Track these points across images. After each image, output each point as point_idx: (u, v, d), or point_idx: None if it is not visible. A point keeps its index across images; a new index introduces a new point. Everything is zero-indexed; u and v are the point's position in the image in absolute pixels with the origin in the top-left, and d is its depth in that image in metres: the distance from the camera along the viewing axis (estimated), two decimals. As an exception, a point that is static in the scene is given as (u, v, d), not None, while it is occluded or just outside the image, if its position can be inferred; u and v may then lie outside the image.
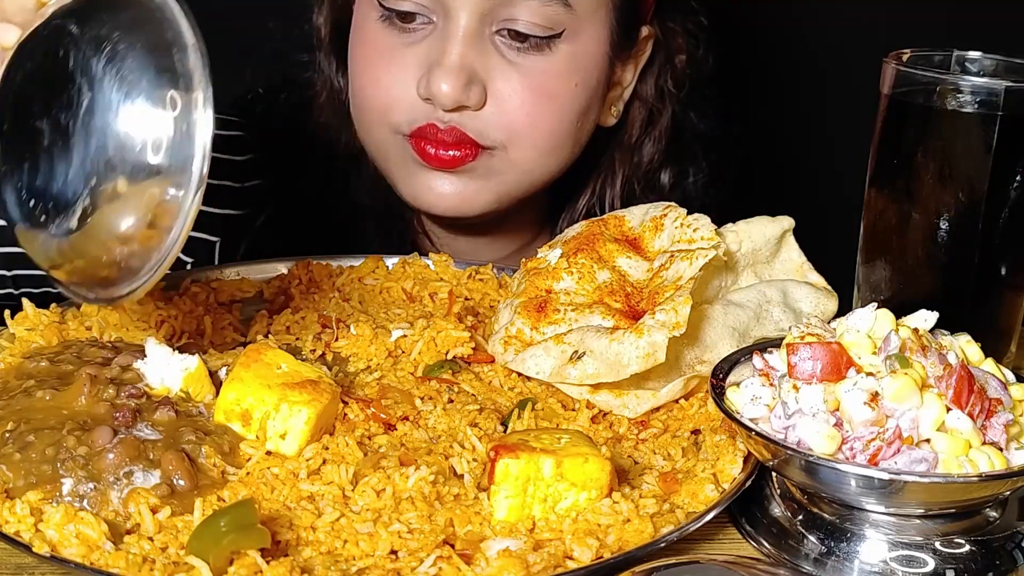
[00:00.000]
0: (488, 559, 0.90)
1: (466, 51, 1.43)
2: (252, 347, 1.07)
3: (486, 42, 1.45)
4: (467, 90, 1.43)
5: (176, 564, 0.87)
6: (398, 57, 1.47)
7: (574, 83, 1.49)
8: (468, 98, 1.43)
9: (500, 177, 1.51)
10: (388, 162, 1.55)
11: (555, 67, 1.47)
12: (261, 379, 1.02)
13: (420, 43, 1.46)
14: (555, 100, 1.49)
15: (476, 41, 1.43)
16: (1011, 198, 1.18)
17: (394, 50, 1.47)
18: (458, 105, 1.44)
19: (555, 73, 1.47)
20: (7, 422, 1.00)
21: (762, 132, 2.29)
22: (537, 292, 1.23)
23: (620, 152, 1.68)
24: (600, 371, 1.10)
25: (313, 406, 1.01)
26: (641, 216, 1.29)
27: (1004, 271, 1.22)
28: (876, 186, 1.24)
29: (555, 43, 1.46)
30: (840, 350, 0.97)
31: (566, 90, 1.49)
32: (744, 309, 1.18)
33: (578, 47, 1.48)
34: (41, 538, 0.88)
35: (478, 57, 1.44)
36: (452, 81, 1.42)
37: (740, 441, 1.05)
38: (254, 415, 1.01)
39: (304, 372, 1.05)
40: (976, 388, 0.94)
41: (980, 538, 0.98)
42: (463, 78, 1.42)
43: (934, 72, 1.20)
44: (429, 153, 1.47)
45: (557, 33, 1.46)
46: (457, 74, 1.42)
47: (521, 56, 1.45)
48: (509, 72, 1.45)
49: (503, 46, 1.45)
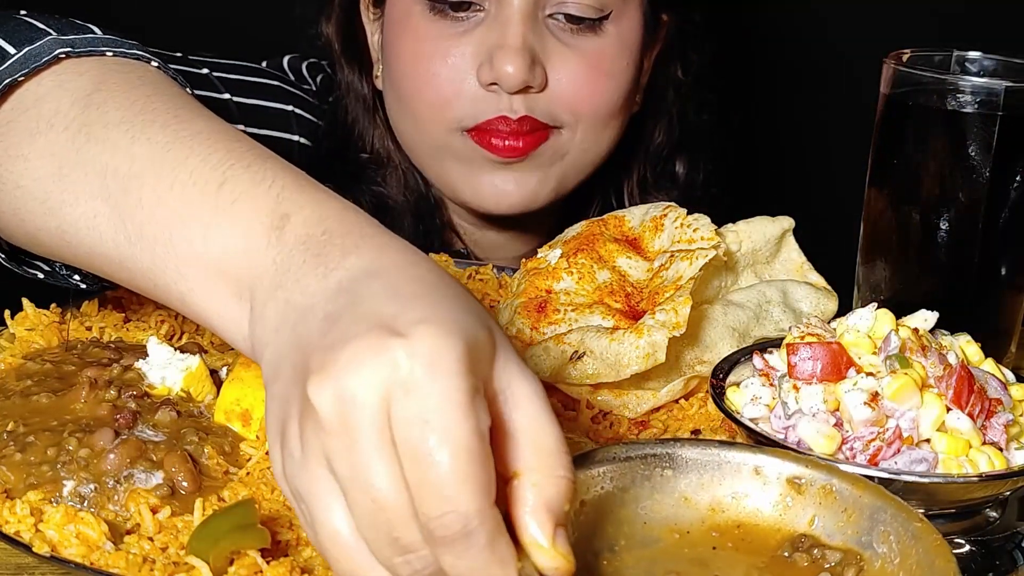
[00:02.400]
0: (488, 559, 0.90)
1: (526, 32, 1.44)
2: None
3: (540, 25, 1.46)
4: (532, 70, 1.44)
5: (176, 564, 0.87)
6: (452, 49, 1.47)
7: (625, 62, 1.53)
8: (533, 78, 1.44)
9: (561, 161, 1.53)
10: (445, 162, 1.54)
11: (608, 47, 1.51)
12: (261, 379, 1.02)
13: (474, 31, 1.46)
14: (612, 78, 1.52)
15: (532, 23, 1.45)
16: (1011, 198, 1.18)
17: (447, 40, 1.47)
18: (524, 86, 1.45)
19: (609, 52, 1.51)
20: (7, 423, 1.00)
21: (762, 132, 2.30)
22: (537, 292, 1.23)
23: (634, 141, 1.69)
24: (600, 371, 1.10)
25: None
26: (641, 216, 1.29)
27: (1004, 271, 1.22)
28: (876, 186, 1.24)
29: (604, 24, 1.50)
30: (840, 350, 0.96)
31: (620, 68, 1.53)
32: (744, 309, 1.18)
33: (623, 28, 1.52)
34: (41, 538, 0.88)
35: (537, 40, 1.46)
36: (518, 62, 1.42)
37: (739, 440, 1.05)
38: (254, 415, 1.01)
39: None
40: (976, 388, 0.94)
41: (980, 538, 0.98)
42: (527, 58, 1.43)
43: (934, 72, 1.20)
44: (498, 145, 1.48)
45: (606, 15, 1.49)
46: (523, 54, 1.43)
47: (575, 38, 1.48)
48: (567, 53, 1.48)
49: (556, 29, 1.47)
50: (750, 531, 0.86)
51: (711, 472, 0.87)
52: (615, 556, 0.82)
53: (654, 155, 1.71)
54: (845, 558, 0.82)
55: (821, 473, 0.86)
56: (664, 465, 0.87)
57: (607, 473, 0.85)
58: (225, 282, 0.78)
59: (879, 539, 0.82)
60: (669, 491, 0.87)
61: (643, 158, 1.71)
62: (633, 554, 0.83)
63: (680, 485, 0.87)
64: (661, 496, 0.86)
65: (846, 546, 0.83)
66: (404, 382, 0.64)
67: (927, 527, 0.80)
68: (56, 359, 1.10)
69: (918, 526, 0.80)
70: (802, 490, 0.86)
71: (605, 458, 0.86)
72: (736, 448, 0.89)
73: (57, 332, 1.17)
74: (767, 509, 0.86)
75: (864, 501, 0.83)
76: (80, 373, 1.06)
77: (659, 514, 0.86)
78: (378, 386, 0.65)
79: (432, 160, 1.56)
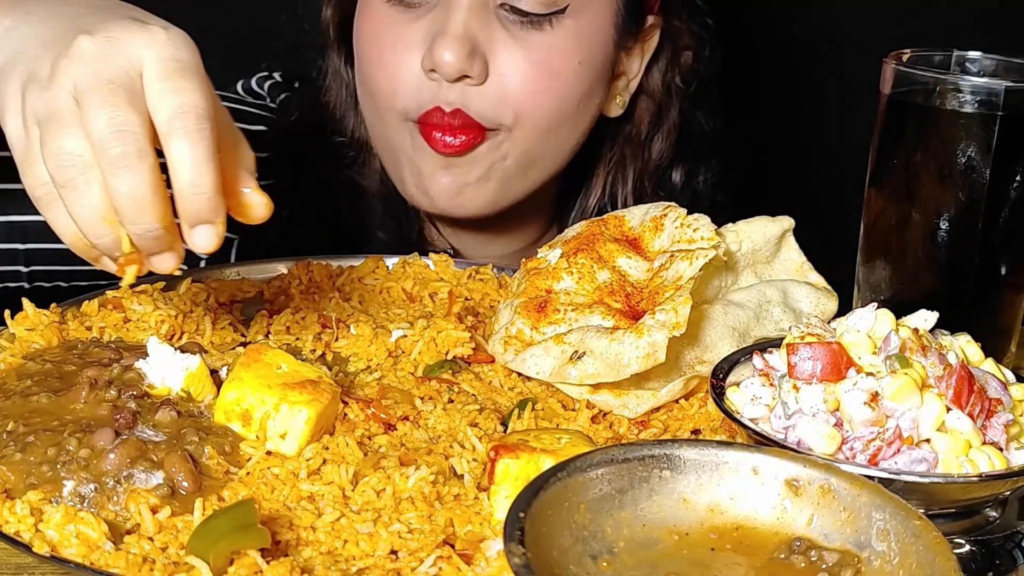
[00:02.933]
0: (488, 559, 0.90)
1: (469, 20, 1.42)
2: (252, 347, 1.07)
3: (490, 14, 1.44)
4: (470, 60, 1.42)
5: (176, 564, 0.87)
6: (403, 35, 1.46)
7: (577, 61, 1.48)
8: (471, 68, 1.42)
9: (502, 164, 1.51)
10: (397, 153, 1.54)
11: (558, 43, 1.46)
12: (261, 379, 1.02)
13: (424, 17, 1.45)
14: (558, 77, 1.48)
15: (480, 12, 1.43)
16: (1011, 198, 1.18)
17: (398, 27, 1.47)
18: (461, 75, 1.43)
19: (559, 49, 1.47)
20: (7, 423, 1.00)
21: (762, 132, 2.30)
22: (537, 292, 1.23)
23: (630, 148, 1.67)
24: (600, 371, 1.10)
25: (313, 406, 1.01)
26: (641, 216, 1.29)
27: (1004, 271, 1.22)
28: (876, 186, 1.24)
29: (559, 18, 1.46)
30: (840, 350, 0.97)
31: (569, 67, 1.48)
32: (744, 309, 1.18)
33: (582, 24, 1.48)
34: (41, 538, 0.88)
35: (481, 29, 1.43)
36: (456, 49, 1.41)
37: (739, 440, 1.04)
38: (254, 415, 1.01)
39: (304, 372, 1.05)
40: (976, 388, 0.94)
41: (980, 538, 0.98)
42: (467, 46, 1.42)
43: (934, 72, 1.20)
44: (436, 139, 1.46)
45: (561, 8, 1.45)
46: (461, 42, 1.41)
47: (524, 30, 1.45)
48: (512, 46, 1.45)
49: (506, 20, 1.44)
50: (748, 533, 0.86)
51: (709, 473, 0.87)
52: (615, 558, 0.82)
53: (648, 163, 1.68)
54: (842, 559, 0.82)
55: (820, 472, 0.86)
56: (663, 466, 0.87)
57: (605, 475, 0.85)
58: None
59: (878, 537, 0.82)
60: (668, 492, 0.87)
61: (639, 165, 1.68)
62: (633, 556, 0.83)
63: (679, 486, 0.87)
64: (660, 498, 0.86)
65: (843, 547, 0.83)
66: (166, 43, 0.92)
67: (926, 525, 0.80)
68: (56, 359, 1.10)
69: (917, 524, 0.80)
70: (800, 492, 0.86)
71: (604, 460, 0.86)
72: (734, 448, 0.89)
73: (57, 332, 1.17)
74: (765, 511, 0.86)
75: (863, 500, 0.83)
76: (80, 373, 1.06)
77: (658, 516, 0.86)
78: (145, 43, 0.92)
79: (387, 152, 1.57)
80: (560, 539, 0.81)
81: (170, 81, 0.90)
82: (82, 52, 0.92)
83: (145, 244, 0.92)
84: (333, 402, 1.05)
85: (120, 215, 0.90)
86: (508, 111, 1.46)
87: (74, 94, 0.91)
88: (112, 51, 0.92)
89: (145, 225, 0.90)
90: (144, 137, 0.90)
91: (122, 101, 0.90)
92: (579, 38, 1.48)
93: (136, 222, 0.91)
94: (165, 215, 0.91)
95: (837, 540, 0.84)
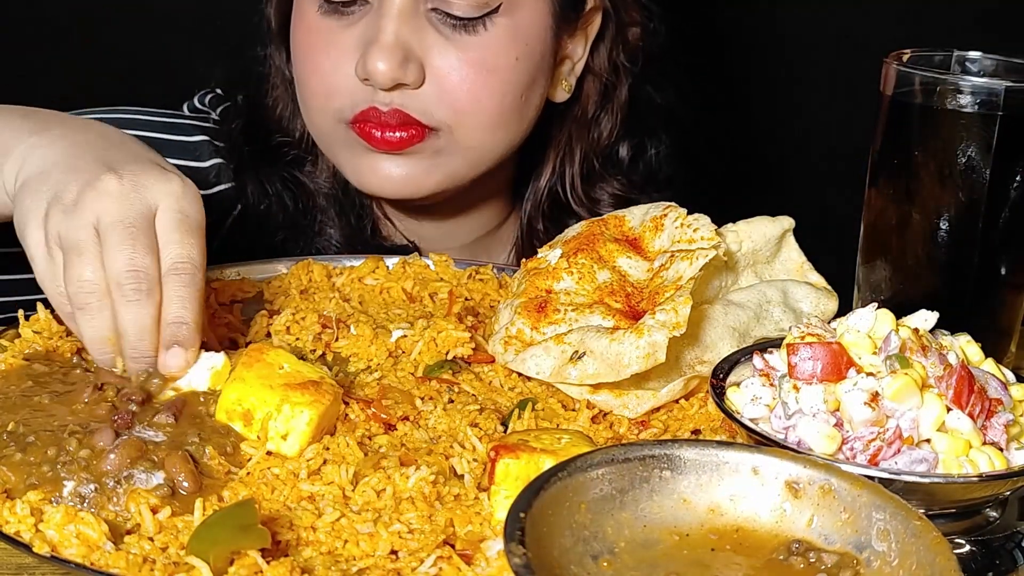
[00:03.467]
0: (488, 559, 0.90)
1: (400, 28, 1.41)
2: (254, 347, 1.07)
3: (421, 19, 1.43)
4: (404, 67, 1.41)
5: (176, 564, 0.87)
6: (335, 41, 1.46)
7: (514, 56, 1.47)
8: (405, 75, 1.42)
9: (447, 157, 1.50)
10: (334, 148, 1.54)
11: (493, 42, 1.45)
12: (263, 379, 1.02)
13: (357, 24, 1.45)
14: (496, 74, 1.47)
15: (411, 18, 1.42)
16: (1011, 198, 1.18)
17: (332, 34, 1.46)
18: (395, 83, 1.42)
19: (494, 48, 1.45)
20: (8, 423, 1.00)
21: (762, 132, 2.30)
22: (537, 292, 1.23)
23: (576, 128, 1.65)
24: (600, 371, 1.10)
25: (315, 407, 1.01)
26: (641, 216, 1.29)
27: (1004, 271, 1.22)
28: (876, 186, 1.24)
29: (492, 18, 1.44)
30: (840, 350, 0.97)
31: (507, 64, 1.47)
32: (744, 309, 1.18)
33: (518, 20, 1.47)
34: (41, 538, 0.88)
35: (413, 34, 1.43)
36: (388, 58, 1.40)
37: (739, 441, 1.04)
38: (256, 415, 1.01)
39: (306, 372, 1.05)
40: (976, 388, 0.94)
41: (980, 538, 0.98)
42: (399, 55, 1.41)
43: (934, 72, 1.20)
44: (375, 136, 1.46)
45: (493, 8, 1.44)
46: (392, 51, 1.41)
47: (457, 32, 1.44)
48: (446, 49, 1.44)
49: (439, 24, 1.44)
50: (748, 535, 0.86)
51: (709, 473, 0.87)
52: (615, 558, 0.82)
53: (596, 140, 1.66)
54: (841, 561, 0.82)
55: (820, 473, 0.86)
56: (663, 466, 0.87)
57: (606, 475, 0.85)
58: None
59: (878, 537, 0.82)
60: (668, 493, 0.87)
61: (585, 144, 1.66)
62: (634, 556, 0.83)
63: (679, 487, 0.87)
64: (660, 498, 0.86)
65: (842, 549, 0.83)
66: (181, 196, 1.09)
67: (926, 525, 0.80)
68: (68, 366, 1.11)
69: (917, 524, 0.80)
70: (800, 493, 0.86)
71: (604, 460, 0.86)
72: (735, 448, 0.89)
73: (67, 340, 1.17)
74: (765, 512, 0.86)
75: (863, 500, 0.83)
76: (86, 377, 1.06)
77: (658, 516, 0.86)
78: (164, 192, 1.08)
79: (326, 147, 1.57)
80: (561, 539, 0.81)
81: (178, 234, 1.07)
82: (108, 191, 1.06)
83: (135, 365, 1.07)
84: (335, 403, 1.05)
85: (123, 339, 1.06)
86: (447, 111, 1.46)
87: (96, 226, 1.05)
88: (134, 194, 1.07)
89: (142, 350, 1.06)
90: (154, 279, 1.06)
91: (140, 245, 1.05)
92: (514, 35, 1.47)
93: (135, 347, 1.06)
94: (158, 344, 1.07)
95: (837, 541, 0.84)
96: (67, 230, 1.05)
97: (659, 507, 0.86)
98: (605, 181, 1.67)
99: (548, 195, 1.67)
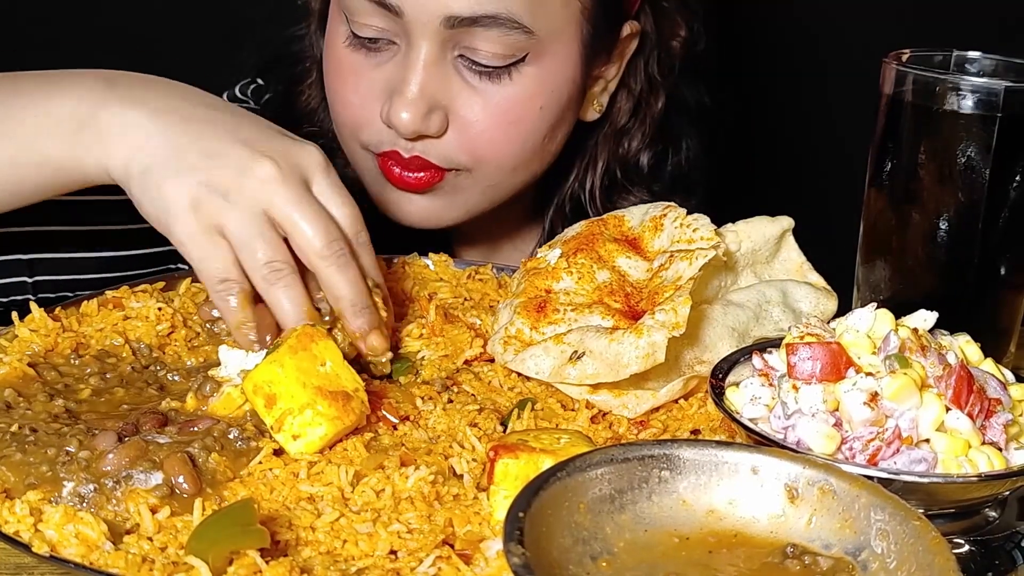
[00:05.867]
0: (488, 559, 0.90)
1: (427, 80, 1.41)
2: (307, 331, 1.04)
3: (448, 67, 1.42)
4: (427, 119, 1.41)
5: (176, 564, 0.87)
6: (364, 80, 1.46)
7: (539, 106, 1.46)
8: (428, 127, 1.42)
9: (467, 194, 1.51)
10: (361, 171, 1.55)
11: (519, 92, 1.44)
12: (300, 372, 1.01)
13: (386, 64, 1.44)
14: (518, 125, 1.46)
15: (437, 68, 1.41)
16: (1011, 198, 1.18)
17: (360, 72, 1.46)
18: (418, 135, 1.43)
19: (519, 98, 1.44)
20: (9, 423, 1.00)
21: (762, 132, 2.30)
22: (537, 292, 1.23)
23: (603, 139, 1.65)
24: (600, 371, 1.10)
25: (335, 424, 1.00)
26: (641, 216, 1.29)
27: (1004, 271, 1.22)
28: (876, 186, 1.24)
29: (519, 67, 1.43)
30: (840, 350, 0.97)
31: (530, 114, 1.46)
32: (744, 309, 1.18)
33: (545, 67, 1.45)
34: (40, 538, 0.88)
35: (440, 83, 1.42)
36: (412, 111, 1.40)
37: (739, 441, 1.05)
38: (278, 403, 1.00)
39: (343, 379, 1.03)
40: (975, 388, 0.94)
41: (979, 538, 0.98)
42: (423, 108, 1.41)
43: (934, 72, 1.20)
44: (395, 174, 1.47)
45: (520, 58, 1.42)
46: (417, 104, 1.40)
47: (483, 82, 1.43)
48: (471, 98, 1.43)
49: (465, 70, 1.42)
50: (747, 539, 0.85)
51: (709, 473, 0.87)
52: (615, 558, 0.82)
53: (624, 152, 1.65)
54: (836, 565, 0.82)
55: (819, 473, 0.86)
56: (662, 466, 0.87)
57: (605, 475, 0.85)
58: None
59: (877, 538, 0.82)
60: (667, 493, 0.87)
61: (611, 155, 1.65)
62: (633, 556, 0.83)
63: (679, 487, 0.87)
64: (659, 499, 0.86)
65: (837, 555, 0.83)
66: (323, 161, 1.16)
67: (926, 525, 0.80)
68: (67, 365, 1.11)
69: (917, 524, 0.80)
70: (798, 496, 0.86)
71: (603, 460, 0.86)
72: (734, 448, 0.89)
73: (63, 336, 1.17)
74: (764, 515, 0.86)
75: (862, 500, 0.83)
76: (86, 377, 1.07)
77: (658, 517, 0.86)
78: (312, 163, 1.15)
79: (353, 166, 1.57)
80: (560, 539, 0.81)
81: (339, 197, 1.16)
82: (270, 177, 1.11)
83: (359, 321, 1.13)
84: (356, 422, 1.04)
85: (341, 301, 1.13)
86: (467, 157, 1.46)
87: (270, 213, 1.11)
88: (291, 175, 1.12)
89: (364, 301, 1.13)
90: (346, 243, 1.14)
91: (322, 217, 1.12)
92: (541, 84, 1.45)
93: (355, 302, 1.12)
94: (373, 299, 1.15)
95: (836, 542, 0.84)
96: (236, 221, 1.10)
97: (658, 507, 0.86)
98: (628, 191, 1.66)
99: (570, 200, 1.66)
